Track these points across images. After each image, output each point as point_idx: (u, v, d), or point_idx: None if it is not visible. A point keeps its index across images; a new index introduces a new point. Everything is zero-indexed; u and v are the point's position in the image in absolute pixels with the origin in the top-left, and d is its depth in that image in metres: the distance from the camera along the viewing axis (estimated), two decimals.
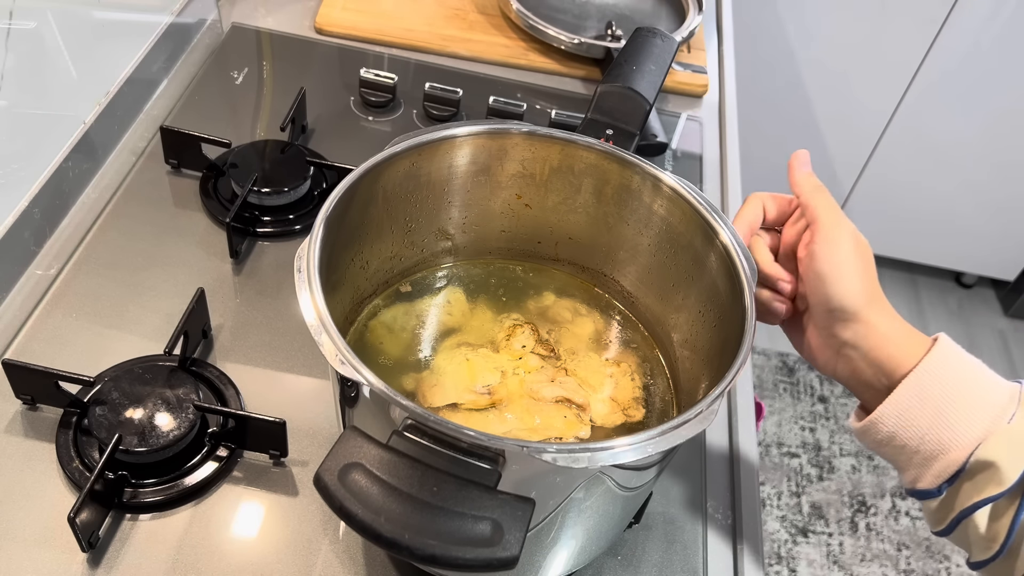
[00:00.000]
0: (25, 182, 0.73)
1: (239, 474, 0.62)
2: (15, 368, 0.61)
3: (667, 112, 1.02)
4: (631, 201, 0.60)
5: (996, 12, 1.67)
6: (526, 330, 0.60)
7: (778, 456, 1.84)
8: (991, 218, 2.02)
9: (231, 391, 0.65)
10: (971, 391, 0.49)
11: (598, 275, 0.65)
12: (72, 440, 0.60)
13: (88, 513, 0.56)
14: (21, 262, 0.72)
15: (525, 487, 0.42)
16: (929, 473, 0.50)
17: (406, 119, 0.94)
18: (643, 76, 0.68)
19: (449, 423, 0.40)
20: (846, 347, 0.52)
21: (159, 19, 0.91)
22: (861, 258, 0.52)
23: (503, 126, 0.59)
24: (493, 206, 0.63)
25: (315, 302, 0.45)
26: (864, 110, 1.87)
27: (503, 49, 1.04)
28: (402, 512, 0.37)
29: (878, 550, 1.71)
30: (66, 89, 0.78)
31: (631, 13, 1.10)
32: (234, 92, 0.93)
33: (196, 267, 0.75)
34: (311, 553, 0.58)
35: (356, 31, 1.03)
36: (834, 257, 0.51)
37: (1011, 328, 2.21)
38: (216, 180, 0.81)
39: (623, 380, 0.59)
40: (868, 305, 0.51)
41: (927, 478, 0.50)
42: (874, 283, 0.52)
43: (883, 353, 0.51)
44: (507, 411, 0.55)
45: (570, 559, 0.54)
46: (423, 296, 0.63)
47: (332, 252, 0.51)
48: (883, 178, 1.98)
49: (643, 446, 0.42)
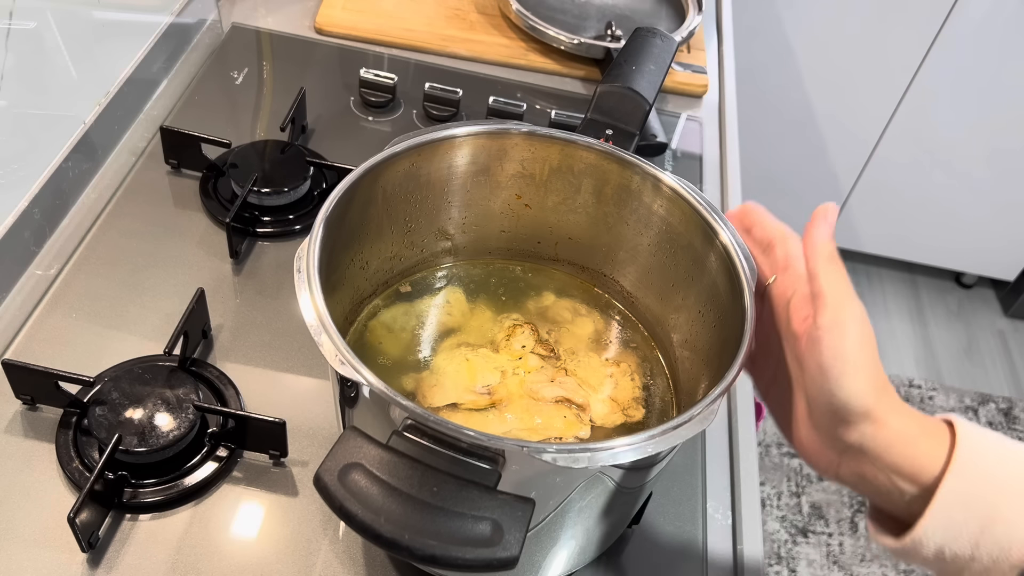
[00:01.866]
0: (25, 182, 0.73)
1: (239, 474, 0.62)
2: (15, 368, 0.61)
3: (667, 112, 1.02)
4: (631, 201, 0.60)
5: (996, 12, 1.67)
6: (526, 330, 0.60)
7: (778, 456, 1.84)
8: (991, 218, 2.02)
9: (231, 391, 0.65)
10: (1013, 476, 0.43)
11: (598, 275, 0.65)
12: (72, 440, 0.60)
13: (88, 513, 0.55)
14: (21, 262, 0.72)
15: (525, 487, 0.42)
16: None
17: (406, 119, 0.94)
18: (643, 76, 0.68)
19: (449, 423, 0.40)
20: (851, 450, 0.45)
21: (159, 19, 0.91)
22: (869, 347, 0.44)
23: (503, 126, 0.59)
24: (493, 206, 0.63)
25: (315, 302, 0.45)
26: (864, 110, 1.87)
27: (503, 49, 1.04)
28: (402, 512, 0.37)
29: (878, 550, 1.71)
30: (66, 89, 0.78)
31: (631, 13, 1.10)
32: (234, 92, 0.93)
33: (196, 267, 0.75)
34: (311, 553, 0.58)
35: (356, 31, 1.03)
36: (840, 348, 0.43)
37: (1011, 328, 2.21)
38: (216, 180, 0.81)
39: (623, 380, 0.59)
40: (877, 403, 0.44)
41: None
42: (882, 374, 0.44)
43: (898, 455, 0.44)
44: (507, 411, 0.55)
45: (570, 559, 0.54)
46: (423, 296, 0.63)
47: (332, 252, 0.51)
48: (883, 178, 1.98)
49: (643, 446, 0.42)
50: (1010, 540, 0.43)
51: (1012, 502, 0.43)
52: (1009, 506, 0.43)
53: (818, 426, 0.46)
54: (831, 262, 0.46)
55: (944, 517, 0.43)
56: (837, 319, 0.44)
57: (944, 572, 0.45)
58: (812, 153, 1.95)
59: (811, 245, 0.47)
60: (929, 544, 0.44)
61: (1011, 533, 0.43)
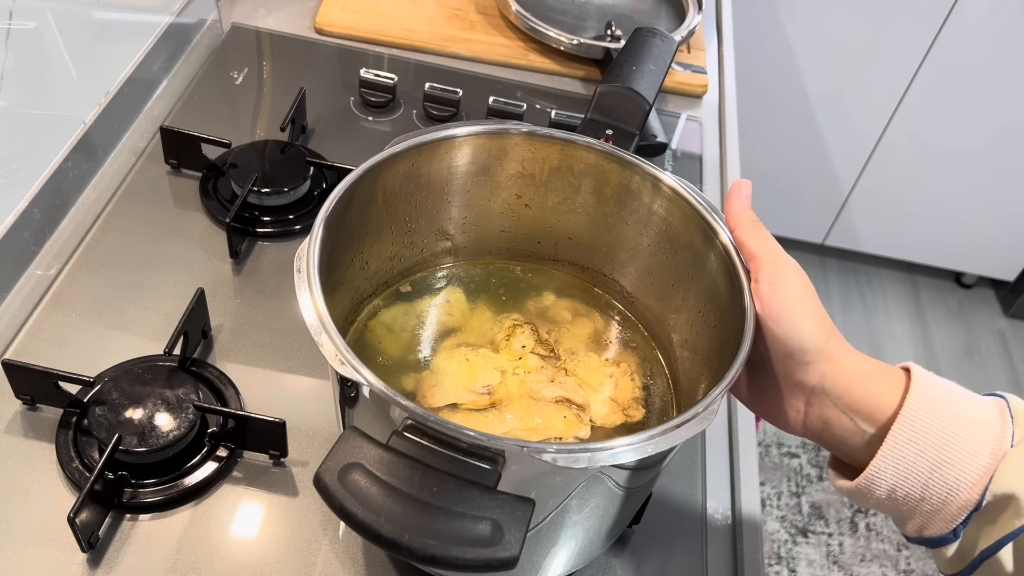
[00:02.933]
0: (25, 182, 0.73)
1: (239, 474, 0.62)
2: (15, 368, 0.61)
3: (667, 112, 1.02)
4: (631, 201, 0.60)
5: (996, 12, 1.67)
6: (526, 330, 0.60)
7: (778, 456, 1.84)
8: (991, 218, 2.02)
9: (231, 391, 0.65)
10: (964, 421, 0.45)
11: (598, 275, 0.65)
12: (72, 440, 0.60)
13: (88, 513, 0.56)
14: (21, 262, 0.72)
15: (525, 487, 0.42)
16: (939, 519, 0.46)
17: (406, 119, 0.94)
18: (643, 76, 0.68)
19: (449, 423, 0.40)
20: (815, 395, 0.48)
21: (159, 19, 0.91)
22: (810, 293, 0.48)
23: (503, 126, 0.59)
24: (493, 206, 0.63)
25: (315, 302, 0.45)
26: (864, 110, 1.87)
27: (503, 49, 1.04)
28: (402, 512, 0.37)
29: (878, 550, 1.71)
30: (66, 89, 0.78)
31: (631, 13, 1.10)
32: (234, 92, 0.93)
33: (196, 267, 0.75)
34: (311, 553, 0.58)
35: (356, 31, 1.03)
36: (783, 295, 0.47)
37: (1011, 328, 2.21)
38: (216, 180, 0.81)
39: (623, 380, 0.59)
40: (829, 342, 0.47)
41: (936, 524, 0.46)
42: (827, 317, 0.48)
43: (857, 394, 0.47)
44: (507, 411, 0.55)
45: (570, 559, 0.54)
46: (423, 296, 0.63)
47: (332, 252, 0.51)
48: (883, 178, 1.98)
49: (643, 446, 0.42)
50: (958, 482, 0.44)
51: (960, 446, 0.44)
52: (957, 449, 0.44)
53: (780, 378, 0.48)
54: (754, 227, 0.50)
55: (895, 457, 0.45)
56: (776, 272, 0.48)
57: (897, 513, 0.48)
58: (812, 153, 1.95)
59: (733, 216, 0.51)
60: (881, 484, 0.46)
61: (959, 475, 0.44)
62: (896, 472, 0.46)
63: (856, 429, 0.47)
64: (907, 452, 0.45)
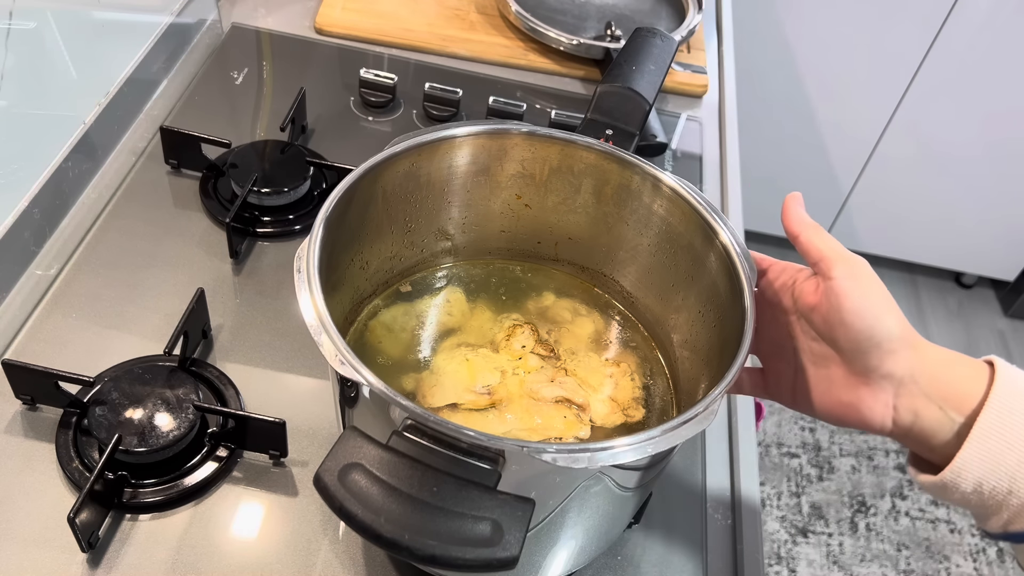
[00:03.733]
0: (25, 182, 0.73)
1: (239, 474, 0.62)
2: (15, 368, 0.61)
3: (667, 112, 1.02)
4: (631, 201, 0.60)
5: (996, 12, 1.67)
6: (526, 330, 0.60)
7: (778, 456, 1.84)
8: (991, 218, 2.02)
9: (231, 391, 0.65)
10: None
11: (598, 275, 0.65)
12: (72, 440, 0.60)
13: (88, 513, 0.56)
14: (21, 262, 0.72)
15: (525, 487, 0.42)
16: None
17: (406, 119, 0.94)
18: (643, 76, 0.68)
19: (449, 423, 0.40)
20: (903, 386, 0.47)
21: (159, 19, 0.91)
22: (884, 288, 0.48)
23: (503, 126, 0.59)
24: (493, 206, 0.63)
25: (315, 302, 0.45)
26: (864, 110, 1.87)
27: (503, 49, 1.04)
28: (402, 512, 0.37)
29: (878, 550, 1.71)
30: (66, 89, 0.78)
31: (630, 13, 1.10)
32: (234, 92, 0.93)
33: (196, 267, 0.75)
34: (311, 553, 0.58)
35: (356, 31, 1.03)
36: (865, 288, 0.47)
37: (1011, 328, 2.21)
38: (216, 180, 0.81)
39: (623, 380, 0.59)
40: (912, 332, 0.47)
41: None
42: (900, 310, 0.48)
43: (944, 381, 0.47)
44: (507, 411, 0.55)
45: (570, 559, 0.54)
46: (423, 296, 0.63)
47: (332, 252, 0.51)
48: (883, 178, 1.98)
49: (643, 446, 0.42)
50: None
51: None
52: None
53: (867, 372, 0.48)
54: (817, 231, 0.51)
55: (983, 448, 0.44)
56: (852, 269, 0.48)
57: (982, 508, 0.47)
58: (812, 153, 1.95)
59: (796, 223, 0.52)
60: (968, 477, 0.45)
61: None
62: (983, 464, 0.45)
63: (945, 419, 0.47)
64: (995, 444, 0.45)
